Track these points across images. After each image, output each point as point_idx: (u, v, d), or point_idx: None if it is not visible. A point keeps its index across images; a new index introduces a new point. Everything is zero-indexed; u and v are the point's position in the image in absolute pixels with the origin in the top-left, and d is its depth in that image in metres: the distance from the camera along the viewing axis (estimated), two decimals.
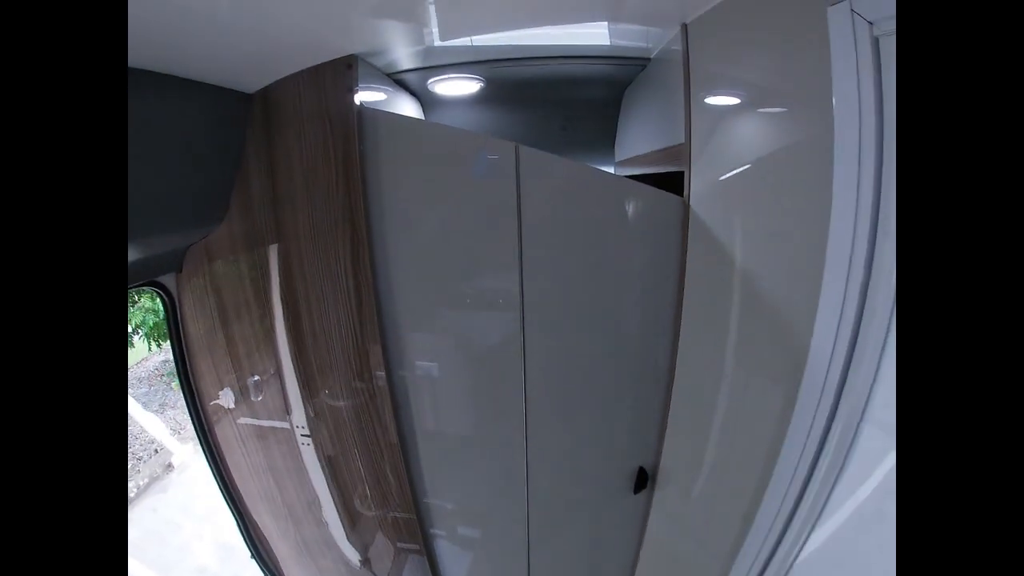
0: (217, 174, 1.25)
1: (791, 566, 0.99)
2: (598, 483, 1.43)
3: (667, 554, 1.40)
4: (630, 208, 1.25)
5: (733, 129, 1.02)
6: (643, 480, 1.36)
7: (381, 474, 1.40)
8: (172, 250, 1.35)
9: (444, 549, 1.50)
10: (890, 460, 0.75)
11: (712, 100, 1.09)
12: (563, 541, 1.52)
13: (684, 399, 1.25)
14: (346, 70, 1.13)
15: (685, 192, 1.15)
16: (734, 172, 1.02)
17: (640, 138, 1.58)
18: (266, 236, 1.28)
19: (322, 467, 1.47)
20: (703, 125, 1.10)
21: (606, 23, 1.29)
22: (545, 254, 1.22)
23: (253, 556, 1.78)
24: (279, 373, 1.40)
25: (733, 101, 1.03)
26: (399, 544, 1.51)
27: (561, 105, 1.86)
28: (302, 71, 1.16)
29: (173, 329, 1.49)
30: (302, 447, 1.46)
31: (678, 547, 1.35)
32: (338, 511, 1.53)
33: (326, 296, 1.25)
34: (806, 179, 0.84)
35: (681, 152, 1.15)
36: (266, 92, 1.21)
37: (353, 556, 1.61)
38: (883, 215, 0.71)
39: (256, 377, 1.47)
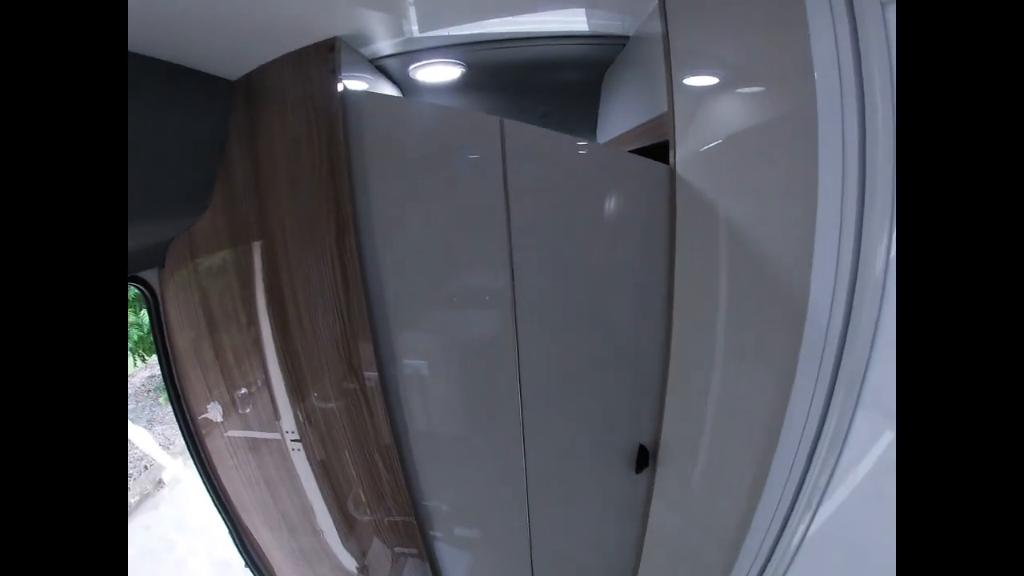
0: (199, 163, 1.22)
1: (797, 550, 0.98)
2: (598, 472, 1.42)
3: (672, 545, 1.39)
4: (617, 178, 1.23)
5: (716, 97, 1.01)
6: (644, 458, 1.34)
7: (376, 477, 1.37)
8: (153, 244, 1.30)
9: (444, 551, 1.48)
10: (887, 438, 0.75)
11: (693, 70, 1.08)
12: (566, 536, 1.50)
13: (681, 376, 1.23)
14: (328, 53, 1.12)
15: (671, 160, 1.14)
16: (720, 139, 1.00)
17: (622, 117, 1.57)
18: (251, 227, 1.24)
19: (315, 473, 1.43)
20: (686, 93, 1.09)
21: (583, 6, 1.29)
22: (535, 231, 1.20)
23: (247, 565, 1.74)
24: (267, 377, 1.36)
25: (714, 70, 1.02)
26: (396, 548, 1.48)
27: (542, 90, 1.85)
28: (284, 56, 1.14)
29: (156, 328, 1.44)
30: (292, 453, 1.43)
31: (682, 539, 1.34)
32: (333, 517, 1.49)
33: (312, 285, 1.22)
34: (792, 144, 0.82)
35: (664, 122, 1.14)
36: (249, 78, 1.19)
37: (350, 563, 1.58)
38: (870, 180, 0.71)
39: (244, 390, 1.44)
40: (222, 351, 1.41)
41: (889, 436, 0.75)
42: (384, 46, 1.36)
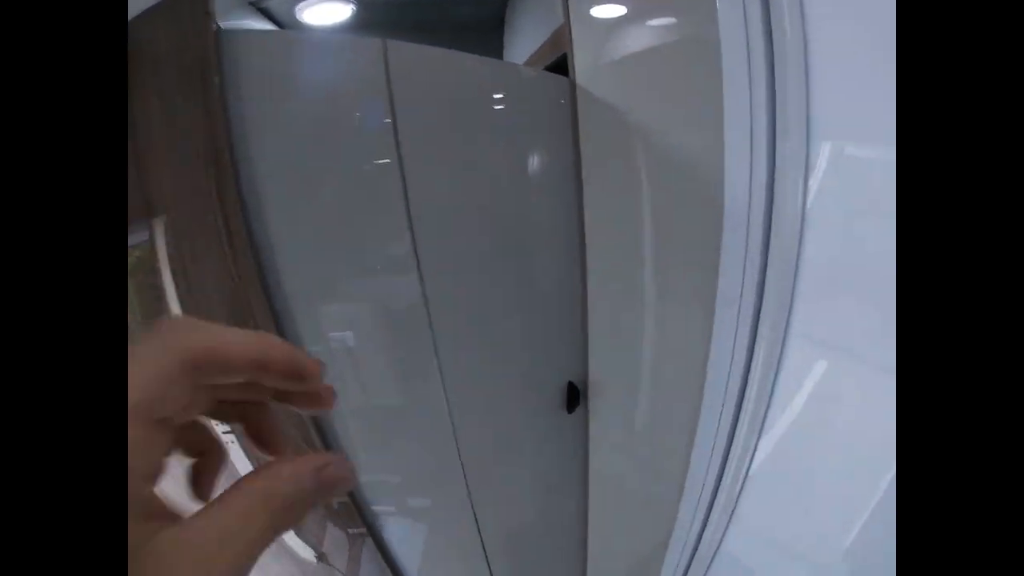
0: None
1: (743, 482, 0.99)
2: (529, 418, 1.39)
3: (616, 488, 1.40)
4: (516, 96, 1.16)
5: (615, 14, 0.98)
6: (575, 396, 1.32)
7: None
8: None
9: (390, 525, 1.43)
10: (822, 366, 0.75)
11: None
12: (505, 489, 1.47)
13: (602, 309, 1.21)
14: None
15: (570, 74, 1.10)
16: (620, 56, 0.97)
17: (525, 50, 1.49)
18: (135, 203, 1.10)
19: (253, 465, 1.35)
20: (582, 10, 1.05)
21: None
22: (432, 168, 1.11)
23: None
24: None
25: None
26: (350, 530, 1.44)
27: (442, 30, 1.73)
28: (158, 3, 1.02)
29: None
30: (228, 446, 1.34)
31: (626, 479, 1.34)
32: None
33: (200, 257, 1.11)
34: (695, 67, 0.80)
35: (560, 36, 1.10)
36: None
37: (308, 553, 1.53)
38: (780, 109, 0.69)
39: None
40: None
41: (823, 364, 0.75)
42: None
